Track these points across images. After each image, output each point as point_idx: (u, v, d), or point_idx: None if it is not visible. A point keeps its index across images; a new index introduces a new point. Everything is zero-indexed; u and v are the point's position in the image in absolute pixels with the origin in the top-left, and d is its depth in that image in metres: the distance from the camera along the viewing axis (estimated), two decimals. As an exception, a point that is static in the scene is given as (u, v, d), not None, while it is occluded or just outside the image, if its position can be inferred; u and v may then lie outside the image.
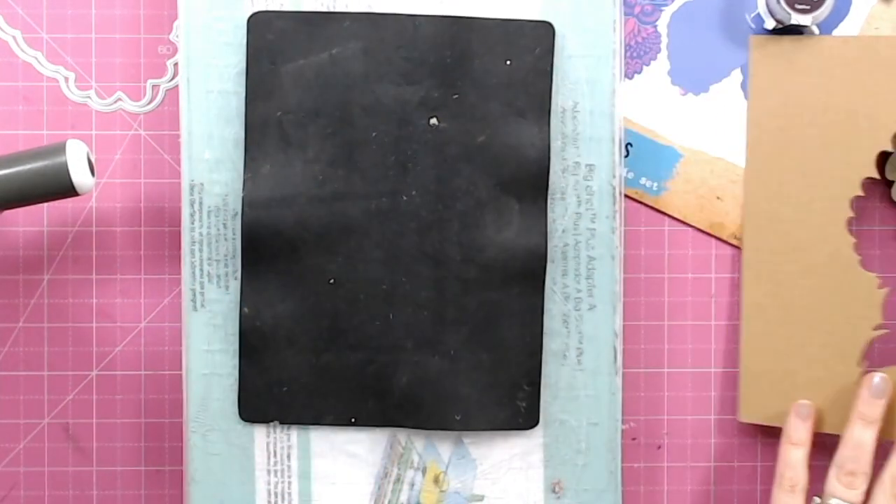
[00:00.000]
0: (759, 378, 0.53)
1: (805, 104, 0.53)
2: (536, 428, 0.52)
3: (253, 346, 0.51)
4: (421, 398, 0.51)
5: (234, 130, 0.51)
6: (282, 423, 0.52)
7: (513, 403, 0.52)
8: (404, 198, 0.51)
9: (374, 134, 0.51)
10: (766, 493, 0.55)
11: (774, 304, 0.53)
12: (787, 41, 0.53)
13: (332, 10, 0.51)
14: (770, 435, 0.55)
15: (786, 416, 0.52)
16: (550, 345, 0.52)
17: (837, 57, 0.52)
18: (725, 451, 0.55)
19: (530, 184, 0.51)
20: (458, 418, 0.51)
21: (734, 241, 0.54)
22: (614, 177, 0.51)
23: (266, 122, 0.50)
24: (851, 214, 0.52)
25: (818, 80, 0.52)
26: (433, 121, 0.51)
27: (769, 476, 0.55)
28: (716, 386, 0.55)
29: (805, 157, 0.53)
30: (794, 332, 0.53)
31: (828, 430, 0.52)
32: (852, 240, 0.52)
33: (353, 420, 0.52)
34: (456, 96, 0.51)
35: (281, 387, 0.51)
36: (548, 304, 0.52)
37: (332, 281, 0.51)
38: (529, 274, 0.51)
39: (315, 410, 0.52)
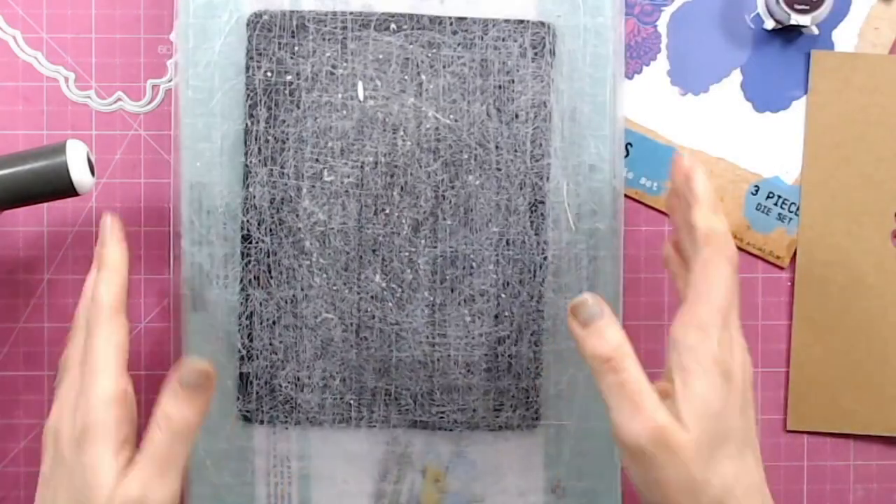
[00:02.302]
0: (807, 388, 0.54)
1: (861, 120, 0.54)
2: (536, 428, 0.52)
3: (253, 346, 0.51)
4: (421, 399, 0.51)
5: (234, 130, 0.51)
6: (282, 423, 0.52)
7: (513, 404, 0.52)
8: (400, 199, 0.51)
9: (373, 132, 0.51)
10: (766, 493, 0.55)
11: (824, 316, 0.54)
12: (846, 57, 0.53)
13: (332, 9, 0.51)
14: (769, 435, 0.55)
15: (833, 423, 0.54)
16: (546, 348, 0.52)
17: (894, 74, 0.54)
18: (725, 451, 0.55)
19: (526, 188, 0.51)
20: (458, 419, 0.52)
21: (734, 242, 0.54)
22: (614, 177, 0.52)
23: (266, 122, 0.50)
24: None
25: (875, 97, 0.53)
26: (430, 122, 0.51)
27: (770, 475, 0.55)
28: (716, 386, 0.55)
29: (858, 172, 0.54)
30: (841, 343, 0.54)
31: (874, 432, 0.54)
32: None
33: (352, 420, 0.52)
34: (452, 98, 0.51)
35: (281, 387, 0.51)
36: (543, 308, 0.52)
37: (325, 282, 0.51)
38: (524, 277, 0.51)
39: (315, 410, 0.52)
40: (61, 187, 0.46)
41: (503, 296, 0.51)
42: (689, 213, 0.44)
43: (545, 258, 0.51)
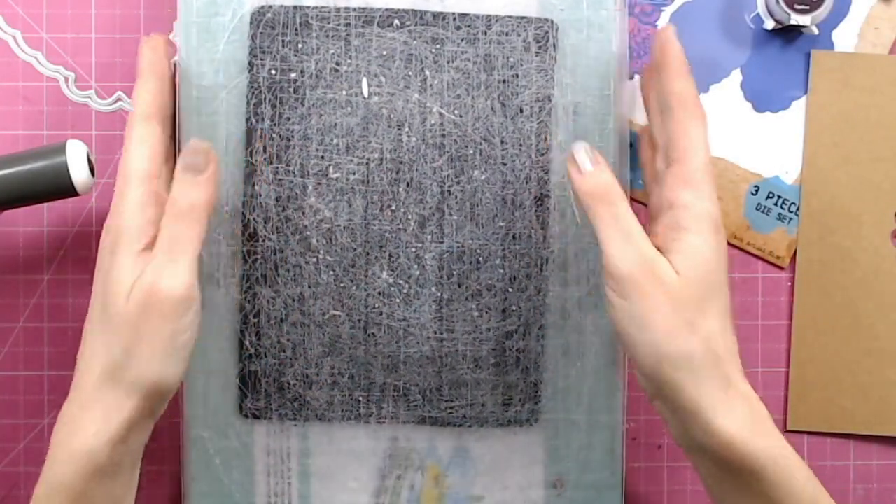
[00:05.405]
0: (807, 388, 0.54)
1: (861, 120, 0.54)
2: (537, 426, 0.52)
3: (253, 344, 0.51)
4: (429, 394, 0.51)
5: (239, 129, 0.51)
6: (282, 421, 0.52)
7: (514, 401, 0.52)
8: (406, 195, 0.51)
9: (378, 129, 0.51)
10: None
11: (824, 315, 0.54)
12: (846, 57, 0.53)
13: (334, 5, 0.51)
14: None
15: (832, 423, 0.54)
16: (552, 343, 0.52)
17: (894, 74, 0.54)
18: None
19: (531, 182, 0.51)
20: (466, 414, 0.52)
21: (734, 241, 0.54)
22: (619, 170, 0.52)
23: (271, 120, 0.50)
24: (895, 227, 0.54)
25: (875, 97, 0.54)
26: (435, 118, 0.51)
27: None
28: (716, 386, 0.55)
29: (858, 172, 0.54)
30: (842, 343, 0.54)
31: (874, 432, 0.54)
32: None
33: (361, 417, 0.52)
34: (457, 94, 0.51)
35: (281, 385, 0.51)
36: (549, 302, 0.52)
37: (332, 279, 0.51)
38: (531, 272, 0.51)
39: (324, 408, 0.52)
40: (61, 187, 0.46)
41: (510, 290, 0.51)
42: (662, 81, 0.45)
43: (552, 252, 0.51)
